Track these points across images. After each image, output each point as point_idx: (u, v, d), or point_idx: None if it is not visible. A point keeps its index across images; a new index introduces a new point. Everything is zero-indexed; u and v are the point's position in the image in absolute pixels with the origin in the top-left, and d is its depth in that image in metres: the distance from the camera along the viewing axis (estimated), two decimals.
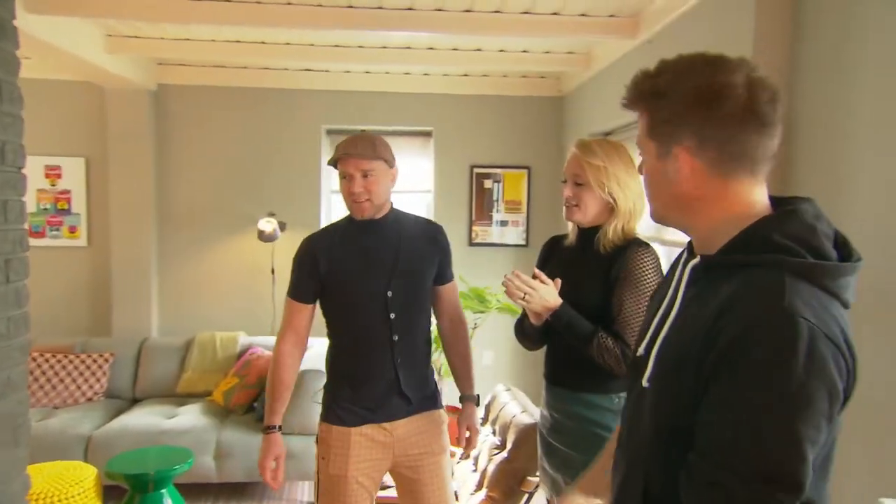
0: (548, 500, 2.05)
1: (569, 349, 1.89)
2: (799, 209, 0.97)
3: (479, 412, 3.10)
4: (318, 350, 4.01)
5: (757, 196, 1.01)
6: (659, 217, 1.11)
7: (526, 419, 2.62)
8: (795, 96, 2.14)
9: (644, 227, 1.91)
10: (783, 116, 1.00)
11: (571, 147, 1.87)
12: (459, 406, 2.19)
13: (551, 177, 4.78)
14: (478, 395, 2.19)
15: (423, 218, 2.20)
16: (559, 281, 1.78)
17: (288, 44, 3.91)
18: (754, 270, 0.94)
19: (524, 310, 1.96)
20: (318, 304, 2.09)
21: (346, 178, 1.95)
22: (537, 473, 2.47)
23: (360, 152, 1.92)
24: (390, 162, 2.00)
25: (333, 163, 1.98)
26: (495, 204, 4.74)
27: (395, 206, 2.10)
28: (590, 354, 1.75)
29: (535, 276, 1.78)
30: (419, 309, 2.08)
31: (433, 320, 2.19)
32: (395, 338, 2.00)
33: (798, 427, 0.85)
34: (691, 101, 0.98)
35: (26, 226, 1.82)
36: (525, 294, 1.73)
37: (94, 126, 4.49)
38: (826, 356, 0.87)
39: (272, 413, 2.03)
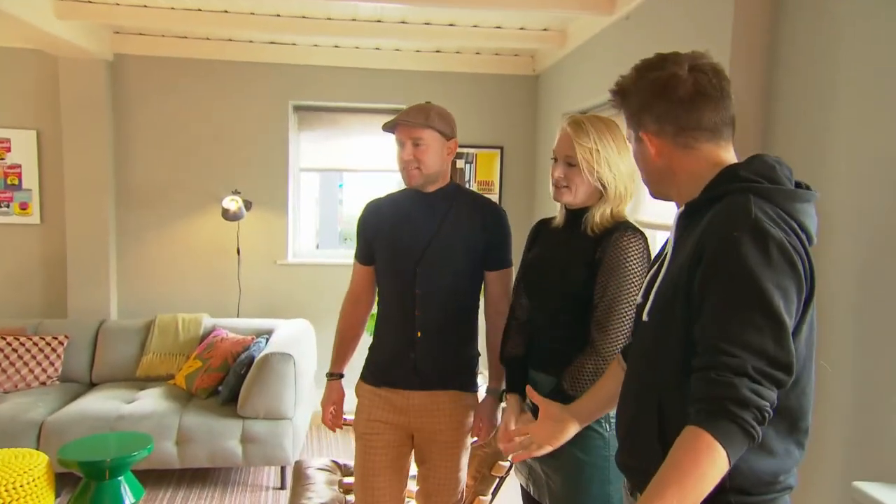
0: (522, 486, 2.00)
1: (548, 335, 1.85)
2: (761, 155, 1.18)
3: None
4: (284, 333, 3.90)
5: (723, 156, 1.20)
6: (654, 193, 1.32)
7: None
8: (774, 74, 2.10)
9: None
10: (728, 87, 1.20)
11: (563, 124, 1.78)
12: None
13: (524, 157, 4.71)
14: (502, 391, 2.08)
15: (485, 199, 2.13)
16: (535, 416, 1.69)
17: (252, 13, 3.75)
18: (725, 199, 1.12)
19: (507, 332, 1.96)
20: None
21: (399, 145, 1.99)
22: (509, 458, 2.43)
23: (411, 120, 1.94)
24: (446, 134, 1.99)
25: (390, 130, 2.00)
26: (467, 184, 4.66)
27: (455, 182, 2.10)
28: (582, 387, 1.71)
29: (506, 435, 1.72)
30: (451, 289, 2.02)
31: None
32: (418, 314, 2.00)
33: (782, 313, 1.02)
34: (648, 94, 1.21)
35: None
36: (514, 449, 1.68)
37: (45, 97, 4.26)
38: (791, 255, 1.04)
39: (333, 362, 2.22)
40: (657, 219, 2.78)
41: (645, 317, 1.25)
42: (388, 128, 1.99)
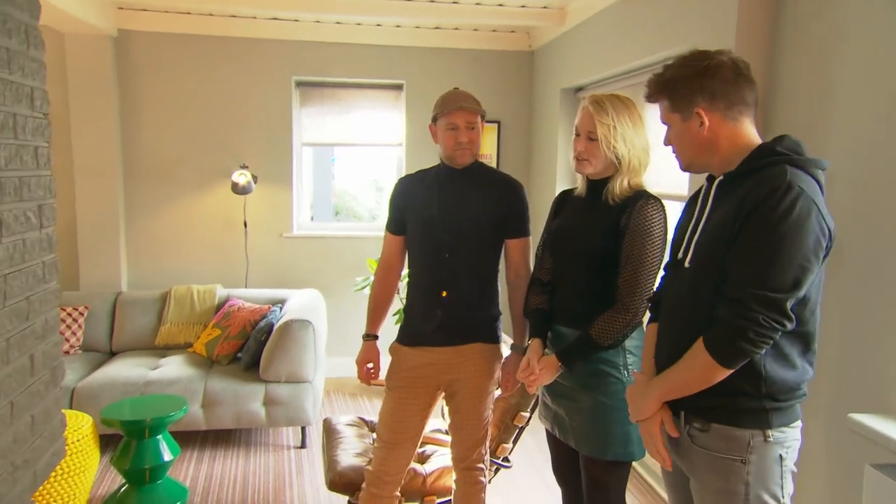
0: (547, 430, 2.20)
1: (573, 293, 2.03)
2: (787, 135, 1.45)
3: None
4: (297, 301, 4.06)
5: (752, 132, 1.49)
6: (686, 166, 1.57)
7: None
8: (777, 53, 2.30)
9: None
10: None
11: (585, 103, 1.97)
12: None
13: (522, 131, 4.90)
14: (525, 347, 2.26)
15: (504, 176, 2.34)
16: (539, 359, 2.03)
17: None
18: (765, 169, 1.39)
19: (530, 290, 2.19)
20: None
21: (453, 129, 2.15)
22: (529, 409, 2.65)
23: (470, 106, 2.14)
24: (484, 117, 2.23)
25: (442, 113, 2.15)
26: None
27: (479, 160, 2.29)
28: (610, 344, 1.92)
29: (528, 369, 2.02)
30: (474, 255, 2.24)
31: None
32: (445, 277, 2.23)
33: (794, 255, 1.31)
34: (699, 78, 1.44)
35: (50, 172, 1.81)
36: (534, 383, 2.02)
37: (53, 74, 4.25)
38: (813, 213, 1.33)
39: (368, 324, 2.43)
40: (668, 189, 3.00)
41: (687, 264, 1.52)
42: (448, 109, 2.13)
